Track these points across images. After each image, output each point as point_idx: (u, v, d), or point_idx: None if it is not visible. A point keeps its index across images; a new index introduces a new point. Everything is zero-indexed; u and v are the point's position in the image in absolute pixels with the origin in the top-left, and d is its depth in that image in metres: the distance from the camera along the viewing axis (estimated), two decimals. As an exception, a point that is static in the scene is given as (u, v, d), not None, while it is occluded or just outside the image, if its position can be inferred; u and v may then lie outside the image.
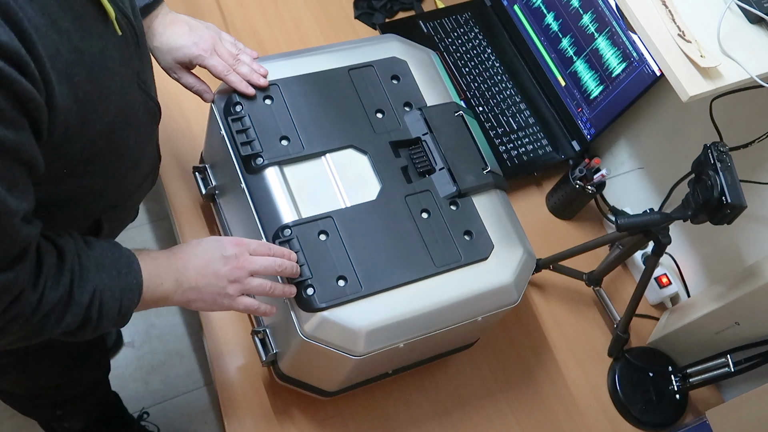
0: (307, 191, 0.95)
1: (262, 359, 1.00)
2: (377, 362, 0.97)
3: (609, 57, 1.27)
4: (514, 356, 1.18)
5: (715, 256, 1.22)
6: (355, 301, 0.89)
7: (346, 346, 0.89)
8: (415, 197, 0.97)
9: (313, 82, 1.02)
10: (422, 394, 1.12)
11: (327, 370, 0.97)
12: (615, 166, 1.35)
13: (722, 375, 1.12)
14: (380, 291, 0.90)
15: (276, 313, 0.94)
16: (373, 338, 0.89)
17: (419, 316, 0.91)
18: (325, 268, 0.89)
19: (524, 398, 1.15)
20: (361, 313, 0.89)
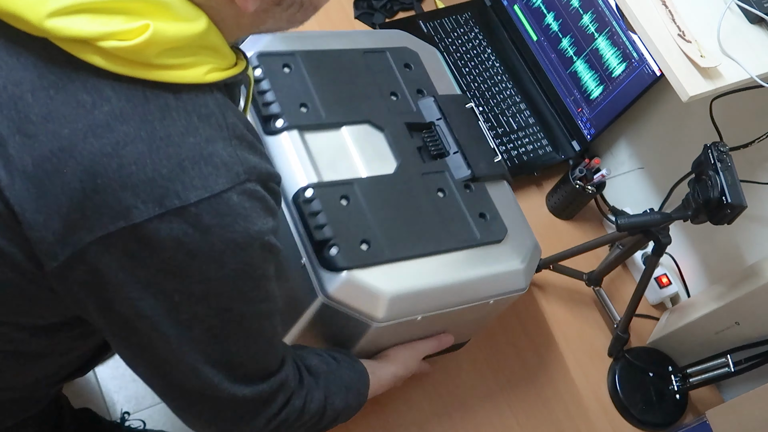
0: (327, 158, 0.94)
1: None
2: (388, 338, 0.96)
3: (609, 57, 1.27)
4: (514, 356, 1.18)
5: (715, 256, 1.22)
6: (378, 266, 0.87)
7: (368, 311, 0.87)
8: (430, 176, 0.97)
9: (330, 58, 1.02)
10: (422, 394, 1.12)
11: (337, 343, 0.95)
12: (615, 166, 1.35)
13: (722, 375, 1.12)
14: (403, 259, 0.89)
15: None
16: (395, 306, 0.87)
17: (439, 289, 0.91)
18: (348, 231, 0.88)
19: (524, 398, 1.15)
20: (384, 278, 0.87)
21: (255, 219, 0.63)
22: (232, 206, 0.61)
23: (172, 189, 0.58)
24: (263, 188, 0.64)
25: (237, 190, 0.61)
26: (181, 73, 0.60)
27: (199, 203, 0.59)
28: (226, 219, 0.61)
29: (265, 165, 0.66)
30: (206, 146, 0.60)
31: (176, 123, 0.59)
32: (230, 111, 0.64)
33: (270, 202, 0.65)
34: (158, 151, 0.58)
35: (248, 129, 0.66)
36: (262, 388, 0.73)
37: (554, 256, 1.22)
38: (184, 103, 0.60)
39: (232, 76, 0.65)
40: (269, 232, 0.65)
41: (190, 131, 0.60)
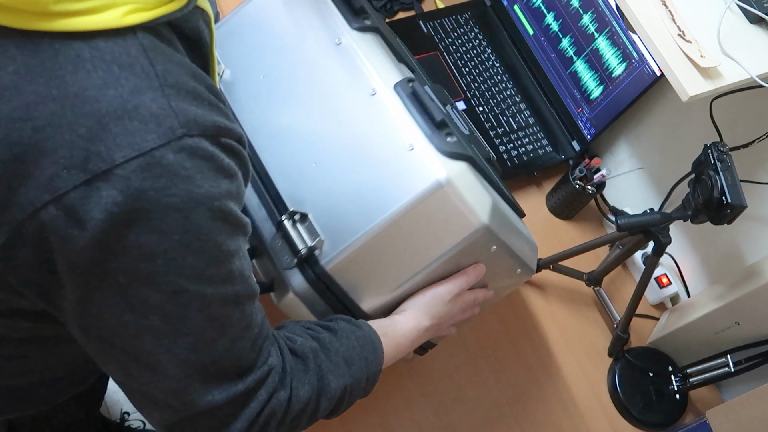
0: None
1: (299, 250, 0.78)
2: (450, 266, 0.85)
3: (609, 57, 1.27)
4: (514, 356, 1.18)
5: (715, 256, 1.22)
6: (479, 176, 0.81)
7: (476, 210, 0.77)
8: None
9: None
10: (422, 393, 1.12)
11: (412, 254, 0.81)
12: (615, 166, 1.35)
13: (722, 375, 1.12)
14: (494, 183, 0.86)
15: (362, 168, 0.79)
16: (495, 218, 0.80)
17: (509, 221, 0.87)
18: (456, 128, 0.82)
19: (524, 398, 1.15)
20: (486, 189, 0.81)
21: (200, 180, 0.55)
22: (167, 166, 0.53)
23: (94, 150, 0.52)
24: (214, 145, 0.57)
25: (173, 147, 0.54)
26: (91, 18, 0.53)
27: (126, 164, 0.52)
28: (160, 181, 0.53)
29: (215, 117, 0.57)
30: (130, 98, 0.53)
31: (91, 75, 0.52)
32: (162, 56, 0.56)
33: (223, 162, 0.57)
34: (73, 108, 0.52)
35: (194, 76, 0.58)
36: (237, 388, 0.66)
37: (554, 256, 1.22)
38: (100, 53, 0.53)
39: (165, 15, 0.57)
40: (222, 197, 0.57)
41: (109, 83, 0.53)
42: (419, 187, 0.76)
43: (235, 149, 0.60)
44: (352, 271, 0.79)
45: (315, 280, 0.77)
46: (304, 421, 0.74)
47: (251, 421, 0.68)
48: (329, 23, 0.86)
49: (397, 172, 0.78)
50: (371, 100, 0.81)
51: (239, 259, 0.62)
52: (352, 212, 0.78)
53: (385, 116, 0.80)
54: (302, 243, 0.77)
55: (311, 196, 0.79)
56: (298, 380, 0.72)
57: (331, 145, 0.81)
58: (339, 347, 0.76)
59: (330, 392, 0.74)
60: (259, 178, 0.80)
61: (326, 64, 0.85)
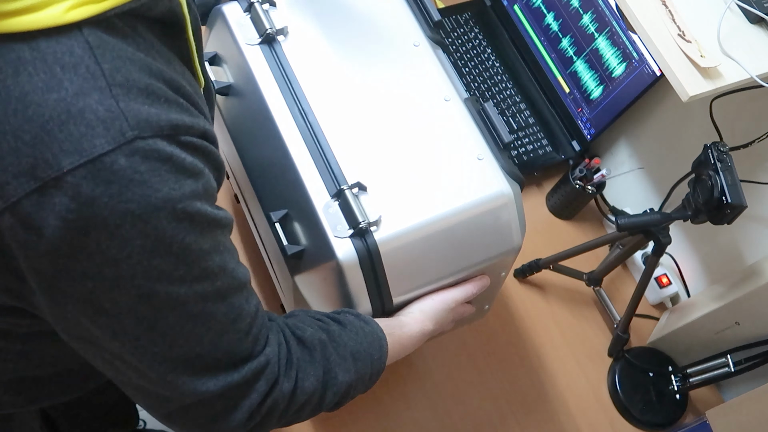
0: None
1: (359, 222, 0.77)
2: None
3: (609, 57, 1.27)
4: (514, 356, 1.18)
5: (715, 256, 1.22)
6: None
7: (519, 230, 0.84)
8: None
9: None
10: (422, 394, 1.12)
11: (455, 255, 0.84)
12: (615, 166, 1.35)
13: (722, 375, 1.12)
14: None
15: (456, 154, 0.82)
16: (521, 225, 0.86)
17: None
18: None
19: (524, 398, 1.15)
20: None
21: (157, 184, 0.52)
22: (118, 171, 0.51)
23: (40, 157, 0.50)
24: (173, 144, 0.54)
25: (124, 151, 0.51)
26: (29, 17, 0.49)
27: (74, 171, 0.50)
28: (112, 187, 0.51)
29: (172, 115, 0.54)
30: (75, 102, 0.50)
31: (33, 78, 0.50)
32: (111, 53, 0.52)
33: (184, 162, 0.54)
34: (16, 114, 0.50)
35: (150, 71, 0.55)
36: (233, 378, 0.63)
37: (554, 256, 1.22)
38: (41, 54, 0.50)
39: (117, 6, 0.53)
40: (186, 198, 0.54)
41: (52, 87, 0.50)
42: (486, 192, 0.80)
43: (198, 146, 0.57)
44: (399, 255, 0.79)
45: (365, 253, 0.77)
46: (307, 413, 0.73)
47: (252, 412, 0.66)
48: (410, 24, 0.90)
49: (464, 174, 0.81)
50: (445, 105, 0.85)
51: (218, 254, 0.59)
52: (413, 198, 0.79)
53: (456, 122, 0.84)
54: (362, 215, 0.76)
55: (371, 173, 0.79)
56: (303, 371, 0.70)
57: (400, 130, 0.82)
58: (347, 341, 0.75)
59: (336, 385, 0.73)
60: (318, 145, 0.80)
61: (404, 57, 0.88)
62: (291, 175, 0.80)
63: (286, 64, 0.84)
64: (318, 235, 0.78)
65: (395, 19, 0.90)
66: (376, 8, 0.90)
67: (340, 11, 0.90)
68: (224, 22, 0.87)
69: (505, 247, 0.85)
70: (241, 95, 0.88)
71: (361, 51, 0.87)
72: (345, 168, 0.80)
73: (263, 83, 0.83)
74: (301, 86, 0.83)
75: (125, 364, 0.61)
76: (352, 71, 0.86)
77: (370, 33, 0.89)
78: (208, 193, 0.58)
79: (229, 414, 0.65)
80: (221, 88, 0.87)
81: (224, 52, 0.89)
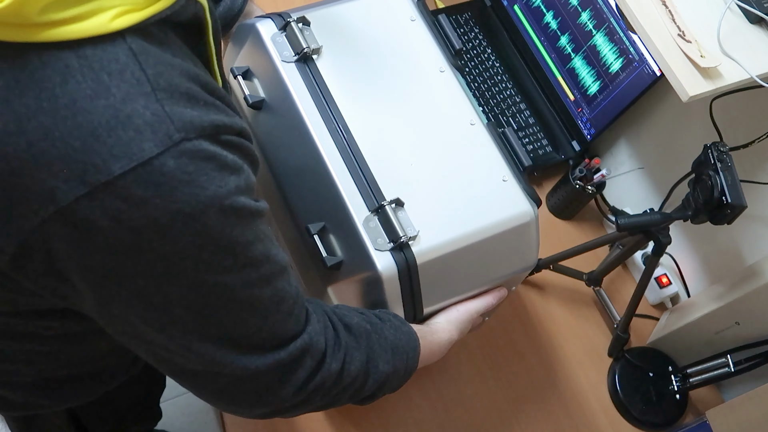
0: None
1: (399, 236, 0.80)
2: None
3: (609, 57, 1.27)
4: (514, 356, 1.18)
5: (715, 256, 1.22)
6: None
7: (537, 249, 0.90)
8: None
9: None
10: (422, 394, 1.12)
11: (481, 269, 0.90)
12: (615, 166, 1.35)
13: (722, 375, 1.12)
14: None
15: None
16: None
17: None
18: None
19: (524, 398, 1.15)
20: None
21: (205, 183, 0.54)
22: (168, 173, 0.53)
23: (90, 163, 0.51)
24: (215, 143, 0.56)
25: (172, 153, 0.53)
26: (76, 26, 0.51)
27: (125, 175, 0.52)
28: (163, 189, 0.53)
29: (213, 116, 0.56)
30: (123, 107, 0.52)
31: (81, 86, 0.51)
32: (153, 59, 0.54)
33: (226, 159, 0.57)
34: (65, 121, 0.51)
35: (189, 76, 0.57)
36: (280, 356, 0.66)
37: (554, 256, 1.22)
38: (88, 61, 0.52)
39: (156, 13, 0.55)
40: (231, 194, 0.57)
41: (100, 93, 0.52)
42: (511, 212, 0.86)
43: (236, 143, 0.59)
44: (433, 268, 0.83)
45: (404, 266, 0.81)
46: (347, 397, 0.76)
47: (299, 387, 0.69)
48: (434, 51, 0.94)
49: (491, 194, 0.86)
50: (471, 128, 0.90)
51: (260, 242, 0.62)
52: (446, 214, 0.84)
53: (481, 145, 0.89)
54: (402, 230, 0.80)
55: (405, 190, 0.84)
56: (350, 355, 0.73)
57: (431, 151, 0.87)
58: (388, 335, 0.78)
59: (377, 374, 0.76)
60: (356, 162, 0.84)
61: (430, 82, 0.92)
62: (329, 189, 0.83)
63: (322, 82, 0.87)
64: (357, 247, 0.82)
65: (421, 45, 0.94)
66: (402, 35, 0.94)
67: (369, 35, 0.93)
68: (259, 39, 0.90)
69: (524, 263, 0.91)
70: (274, 110, 0.90)
71: (392, 74, 0.91)
72: (382, 185, 0.83)
73: (300, 99, 0.86)
74: (337, 104, 0.86)
75: (172, 353, 0.63)
76: (384, 92, 0.90)
77: (399, 58, 0.92)
78: (249, 187, 0.60)
79: (277, 388, 0.68)
80: (254, 102, 0.90)
81: (257, 67, 0.91)
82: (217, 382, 0.67)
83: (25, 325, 0.71)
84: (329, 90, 0.87)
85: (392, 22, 0.95)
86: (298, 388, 0.69)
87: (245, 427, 1.04)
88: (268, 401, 0.70)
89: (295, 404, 0.71)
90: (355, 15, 0.94)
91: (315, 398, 0.72)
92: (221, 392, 0.68)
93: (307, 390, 0.70)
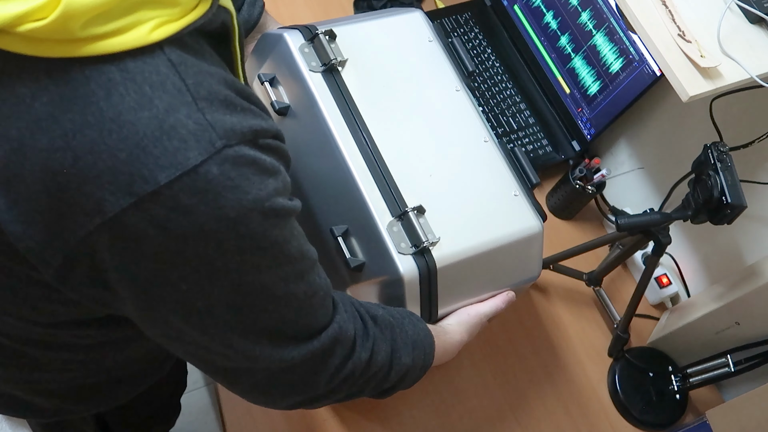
0: None
1: (422, 241, 0.84)
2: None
3: (609, 57, 1.27)
4: (514, 356, 1.18)
5: (715, 256, 1.22)
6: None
7: (541, 261, 0.96)
8: None
9: None
10: (422, 393, 1.12)
11: (492, 276, 0.95)
12: (615, 166, 1.35)
13: (722, 375, 1.12)
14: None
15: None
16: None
17: None
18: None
19: (524, 398, 1.15)
20: None
21: (247, 187, 0.56)
22: (213, 180, 0.54)
23: (137, 174, 0.53)
24: (254, 148, 0.57)
25: (216, 161, 0.54)
26: (118, 40, 0.52)
27: (172, 184, 0.53)
28: (209, 195, 0.54)
29: (251, 121, 0.58)
30: (166, 118, 0.53)
31: (125, 99, 0.53)
32: (191, 69, 0.56)
33: (265, 163, 0.58)
34: (111, 134, 0.52)
35: (225, 83, 0.58)
36: (313, 346, 0.69)
37: (554, 256, 1.22)
38: (130, 74, 0.53)
39: (191, 24, 0.57)
40: (271, 196, 0.58)
41: (143, 105, 0.53)
42: (522, 225, 0.91)
43: (273, 146, 0.60)
44: (451, 273, 0.87)
45: (425, 269, 0.85)
46: (371, 387, 0.78)
47: (331, 375, 0.72)
48: (450, 71, 0.99)
49: (504, 207, 0.91)
50: (484, 145, 0.95)
51: (295, 239, 0.64)
52: (463, 223, 0.89)
53: (494, 161, 0.94)
54: (424, 236, 0.84)
55: (425, 199, 0.88)
56: (377, 345, 0.76)
57: (449, 164, 0.92)
58: (408, 330, 0.82)
59: (400, 365, 0.79)
60: (380, 169, 0.88)
61: (447, 100, 0.97)
62: (353, 194, 0.87)
63: (347, 92, 0.91)
64: (380, 250, 0.85)
65: (438, 65, 0.99)
66: (421, 54, 0.99)
67: (391, 52, 0.98)
68: (286, 48, 0.93)
69: (528, 274, 0.96)
70: (299, 117, 0.93)
71: (412, 90, 0.96)
72: (404, 192, 0.87)
73: (326, 108, 0.89)
74: (362, 114, 0.90)
75: (212, 353, 0.66)
76: (405, 106, 0.94)
77: (418, 75, 0.97)
78: (286, 188, 0.62)
79: (311, 378, 0.71)
80: (281, 108, 0.93)
81: (283, 75, 0.95)
82: (254, 377, 0.69)
83: (63, 335, 0.72)
84: (354, 100, 0.90)
85: (412, 42, 0.99)
86: (331, 377, 0.72)
87: (245, 427, 1.04)
88: (301, 390, 0.72)
89: (326, 393, 0.74)
90: (378, 33, 0.98)
91: (344, 387, 0.74)
92: (257, 385, 0.70)
93: (338, 378, 0.72)
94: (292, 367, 0.68)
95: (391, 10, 1.05)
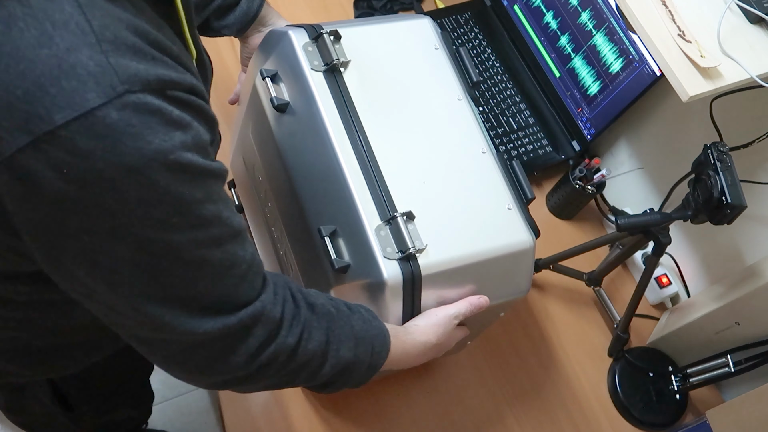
0: None
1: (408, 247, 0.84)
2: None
3: (609, 57, 1.27)
4: (514, 356, 1.18)
5: (715, 256, 1.22)
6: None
7: (530, 278, 0.94)
8: None
9: None
10: (422, 394, 1.12)
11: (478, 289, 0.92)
12: (615, 166, 1.35)
13: (722, 375, 1.12)
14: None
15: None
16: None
17: None
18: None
19: (524, 398, 1.15)
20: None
21: (149, 136, 0.54)
22: (112, 125, 0.52)
23: (33, 112, 0.51)
24: (160, 98, 0.55)
25: (116, 105, 0.52)
26: None
27: (68, 125, 0.51)
28: (107, 141, 0.52)
29: (159, 71, 0.56)
30: (66, 57, 0.51)
31: (24, 34, 0.51)
32: (99, 11, 0.54)
33: (172, 114, 0.56)
34: (8, 70, 0.50)
35: (136, 31, 0.56)
36: (230, 321, 0.66)
37: (554, 256, 1.22)
38: (32, 10, 0.51)
39: None
40: (176, 149, 0.56)
41: (43, 42, 0.51)
42: (513, 239, 0.89)
43: (185, 100, 0.58)
44: (435, 281, 0.87)
45: (410, 275, 0.84)
46: (303, 377, 0.76)
47: (250, 356, 0.69)
48: (453, 80, 0.98)
49: (496, 219, 0.90)
50: (482, 156, 0.94)
51: (212, 203, 0.61)
52: (452, 233, 0.87)
53: (490, 173, 0.93)
54: (411, 242, 0.84)
55: (416, 206, 0.88)
56: (308, 332, 0.73)
57: (444, 172, 0.91)
58: (354, 324, 0.79)
59: (336, 359, 0.76)
60: (373, 172, 0.88)
61: (449, 109, 0.96)
62: (344, 195, 0.86)
63: (347, 93, 0.91)
64: (366, 253, 0.84)
65: (442, 73, 0.98)
66: (426, 61, 0.99)
67: (395, 57, 0.98)
68: (290, 46, 0.93)
69: (516, 290, 0.94)
70: (297, 114, 0.93)
71: (413, 96, 0.95)
72: (396, 197, 0.87)
73: (324, 107, 0.89)
74: (360, 116, 0.90)
75: (122, 315, 0.63)
76: (404, 112, 0.94)
77: (421, 82, 0.97)
78: (198, 145, 0.59)
79: (227, 356, 0.68)
80: (280, 104, 0.93)
81: (285, 72, 0.95)
82: (168, 348, 0.67)
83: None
84: (353, 102, 0.90)
85: (417, 48, 0.99)
86: (250, 357, 0.69)
87: (245, 426, 1.04)
88: (219, 369, 0.69)
89: (248, 376, 0.71)
90: (383, 37, 0.98)
91: (269, 372, 0.72)
92: (172, 358, 0.68)
93: (259, 361, 0.70)
94: (206, 341, 0.66)
95: (400, 15, 1.06)
